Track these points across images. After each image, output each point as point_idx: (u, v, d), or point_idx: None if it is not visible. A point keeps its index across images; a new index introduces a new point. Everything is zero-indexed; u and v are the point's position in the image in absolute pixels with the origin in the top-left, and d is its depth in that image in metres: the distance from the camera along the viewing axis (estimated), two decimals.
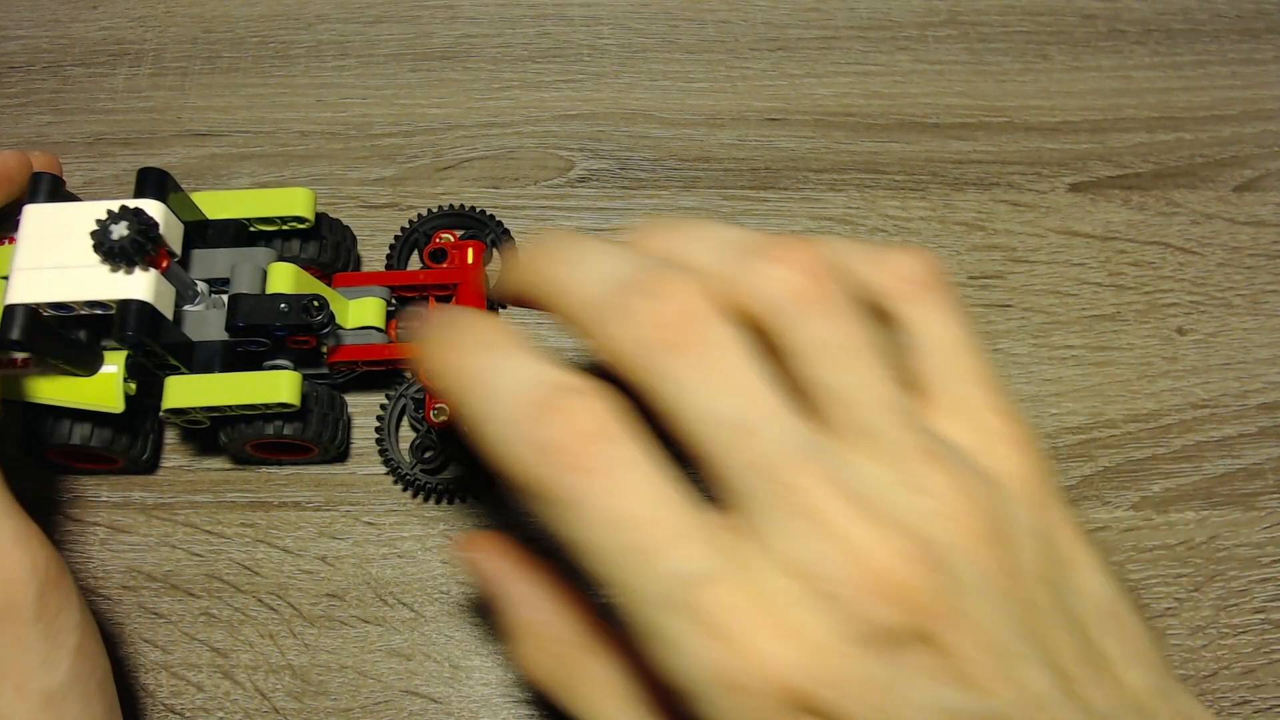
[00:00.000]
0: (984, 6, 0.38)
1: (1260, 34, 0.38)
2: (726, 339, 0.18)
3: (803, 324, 0.19)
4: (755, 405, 0.18)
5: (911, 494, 0.19)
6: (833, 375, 0.19)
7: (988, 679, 0.18)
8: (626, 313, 0.18)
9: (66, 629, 0.22)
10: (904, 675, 0.18)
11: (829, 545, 0.18)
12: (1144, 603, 0.29)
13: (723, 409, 0.18)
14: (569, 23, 0.38)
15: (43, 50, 0.37)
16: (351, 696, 0.28)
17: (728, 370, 0.18)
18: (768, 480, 0.18)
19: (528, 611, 0.21)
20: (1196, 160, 0.36)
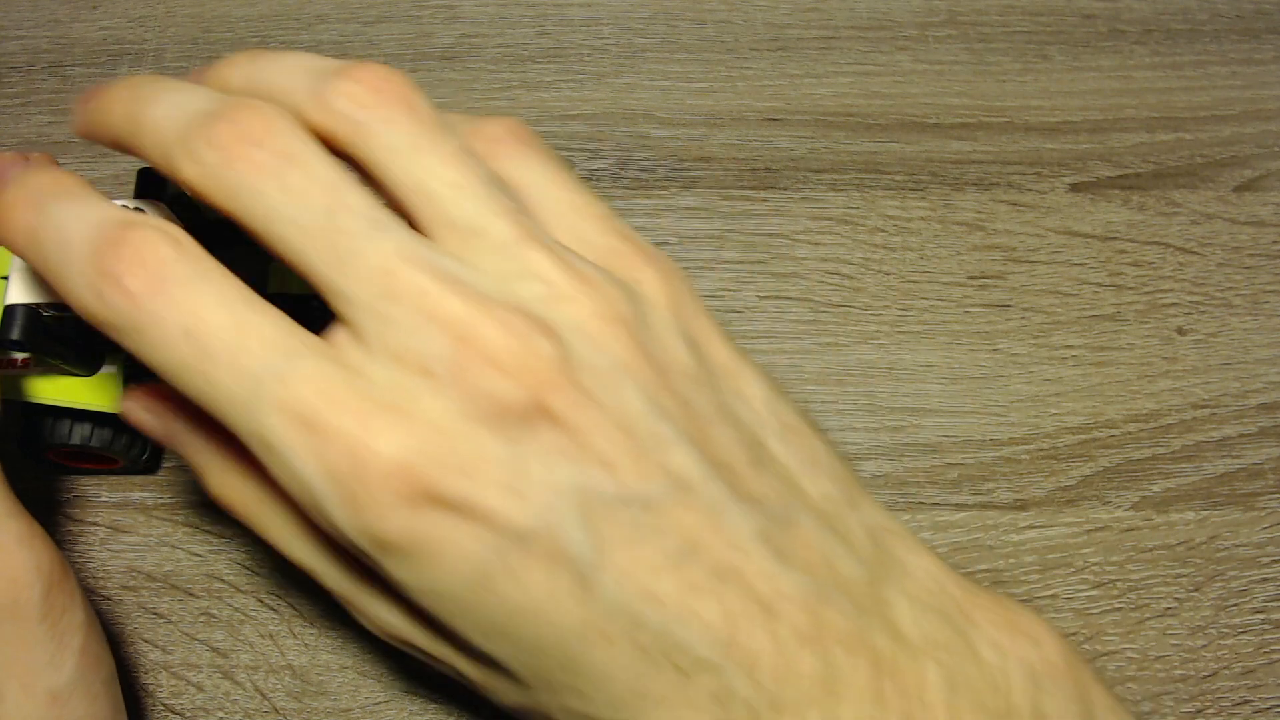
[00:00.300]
0: (984, 6, 0.38)
1: (1260, 34, 0.38)
2: (305, 150, 0.18)
3: (383, 130, 0.19)
4: (341, 204, 0.18)
5: (522, 280, 0.19)
6: (423, 175, 0.19)
7: (619, 458, 0.18)
8: (207, 139, 0.18)
9: (72, 628, 0.22)
10: (530, 453, 0.18)
11: (434, 327, 0.17)
12: (1144, 602, 0.29)
13: (309, 214, 0.18)
14: (569, 23, 0.38)
15: (43, 50, 0.37)
16: (351, 696, 0.28)
17: (310, 176, 0.18)
18: (361, 276, 0.18)
19: (203, 450, 0.22)
20: (1196, 160, 0.36)
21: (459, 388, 0.18)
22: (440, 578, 0.18)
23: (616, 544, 0.18)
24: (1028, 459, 0.31)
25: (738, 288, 0.33)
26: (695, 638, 0.18)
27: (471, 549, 0.17)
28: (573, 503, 0.18)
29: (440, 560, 0.17)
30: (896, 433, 0.31)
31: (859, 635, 0.19)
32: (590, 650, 0.18)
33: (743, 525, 0.19)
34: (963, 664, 0.19)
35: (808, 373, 0.32)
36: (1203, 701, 0.28)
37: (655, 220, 0.34)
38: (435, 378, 0.18)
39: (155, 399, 0.23)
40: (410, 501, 0.17)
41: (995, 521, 0.30)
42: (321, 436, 0.17)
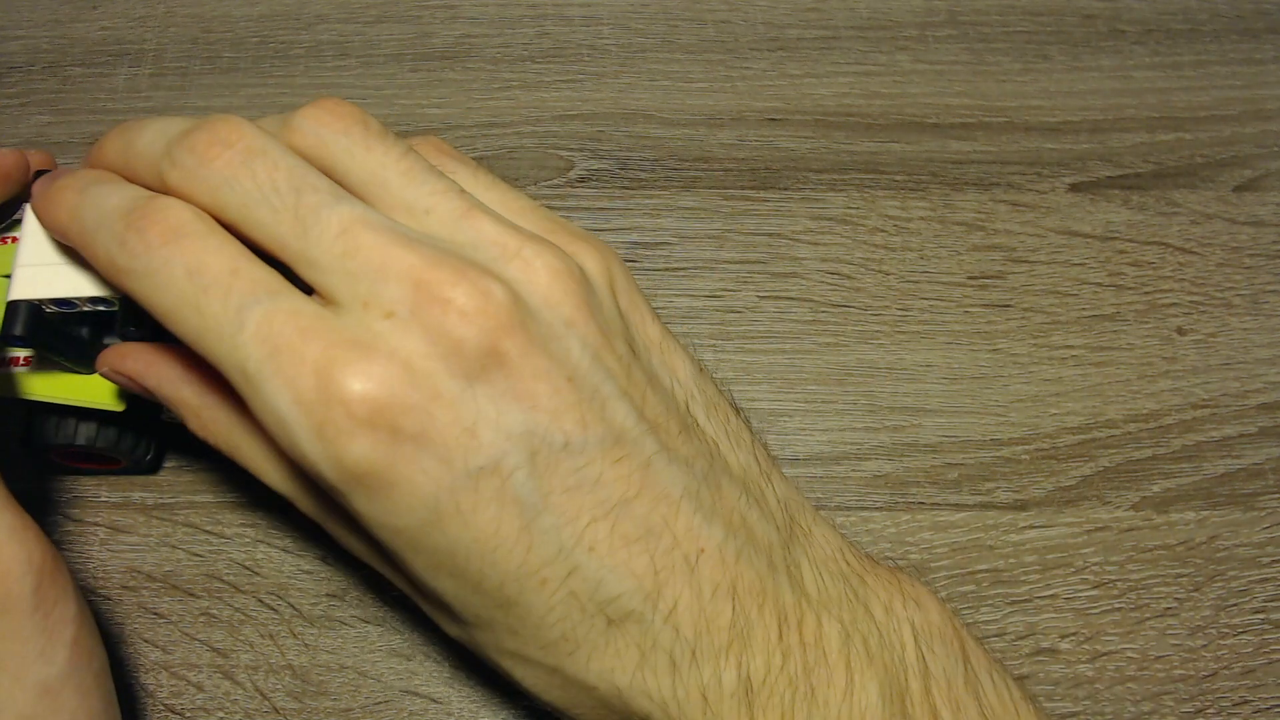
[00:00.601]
0: (984, 6, 0.38)
1: (1260, 34, 0.38)
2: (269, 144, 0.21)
3: (342, 138, 0.21)
4: (304, 184, 0.20)
5: (474, 247, 0.20)
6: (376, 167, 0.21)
7: (565, 407, 0.19)
8: (187, 147, 0.20)
9: (63, 622, 0.22)
10: (483, 395, 0.19)
11: (393, 276, 0.19)
12: (1144, 602, 0.29)
13: (277, 195, 0.20)
14: (569, 23, 0.38)
15: (43, 50, 0.37)
16: (351, 696, 0.28)
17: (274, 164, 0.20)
18: (325, 240, 0.19)
19: (184, 390, 0.23)
20: (1196, 160, 0.36)
21: (420, 328, 0.19)
22: (395, 510, 0.19)
23: (558, 491, 0.19)
24: (1028, 459, 0.31)
25: (738, 288, 0.33)
26: (625, 588, 0.19)
27: (424, 484, 0.19)
28: (521, 447, 0.19)
29: (396, 493, 0.19)
30: (896, 433, 0.31)
31: (769, 590, 0.21)
32: (527, 593, 0.19)
33: (673, 482, 0.20)
34: (858, 621, 0.21)
35: (808, 373, 0.32)
36: (1203, 701, 0.28)
37: (655, 220, 0.34)
38: (398, 319, 0.19)
39: (141, 350, 0.24)
40: (372, 430, 0.18)
41: (995, 521, 0.30)
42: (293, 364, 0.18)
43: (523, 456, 0.19)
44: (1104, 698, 0.28)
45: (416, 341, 0.19)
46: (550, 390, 0.19)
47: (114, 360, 0.24)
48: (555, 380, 0.19)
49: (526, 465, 0.19)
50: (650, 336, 0.22)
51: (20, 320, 0.24)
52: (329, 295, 0.20)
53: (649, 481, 0.20)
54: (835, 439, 0.31)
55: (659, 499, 0.20)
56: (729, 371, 0.32)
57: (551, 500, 0.19)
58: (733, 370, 0.32)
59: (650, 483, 0.20)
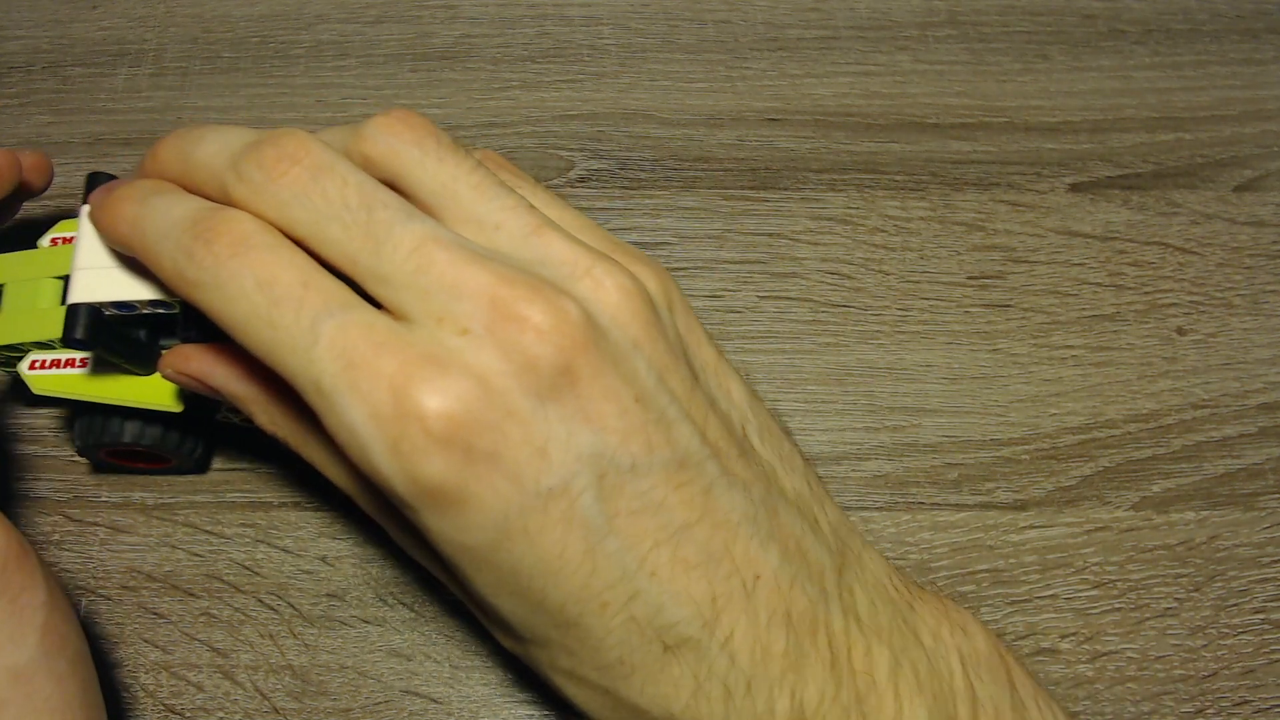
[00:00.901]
0: (984, 6, 0.38)
1: (1260, 34, 0.38)
2: (337, 161, 0.20)
3: (414, 150, 0.21)
4: (375, 200, 0.20)
5: (544, 264, 0.20)
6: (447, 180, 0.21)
7: (633, 429, 0.19)
8: (256, 162, 0.20)
9: (32, 607, 0.22)
10: (555, 415, 0.19)
11: (468, 294, 0.19)
12: (1144, 602, 0.29)
13: (348, 212, 0.20)
14: (569, 23, 0.38)
15: (43, 50, 0.37)
16: (351, 696, 0.28)
17: (344, 181, 0.20)
18: (398, 257, 0.19)
19: (249, 388, 0.23)
20: (1196, 160, 0.36)
21: (495, 345, 0.19)
22: (464, 528, 0.19)
23: (624, 514, 0.19)
24: (1028, 459, 0.31)
25: (738, 288, 0.33)
26: (684, 615, 0.19)
27: (494, 504, 0.18)
28: (590, 468, 0.19)
29: (467, 511, 0.18)
30: (896, 433, 0.31)
31: (822, 617, 0.20)
32: (587, 615, 0.19)
33: (733, 507, 0.20)
34: (908, 648, 0.21)
35: (808, 373, 0.32)
36: (1203, 701, 0.28)
37: (655, 220, 0.34)
38: (473, 335, 0.19)
39: (203, 352, 0.24)
40: (448, 448, 0.18)
41: (995, 521, 0.30)
42: (369, 379, 0.18)
43: (591, 478, 0.19)
44: (1104, 698, 0.28)
45: (491, 358, 0.19)
46: (618, 411, 0.19)
47: (177, 363, 0.24)
48: (624, 401, 0.19)
49: (594, 487, 0.19)
50: (707, 359, 0.22)
51: (81, 323, 0.24)
52: (400, 311, 0.19)
53: (710, 506, 0.20)
54: (835, 439, 0.31)
55: (719, 524, 0.20)
56: None
57: (616, 523, 0.19)
58: None
59: (711, 508, 0.20)
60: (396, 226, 0.20)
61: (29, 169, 0.30)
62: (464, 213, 0.21)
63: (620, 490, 0.19)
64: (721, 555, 0.20)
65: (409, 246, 0.19)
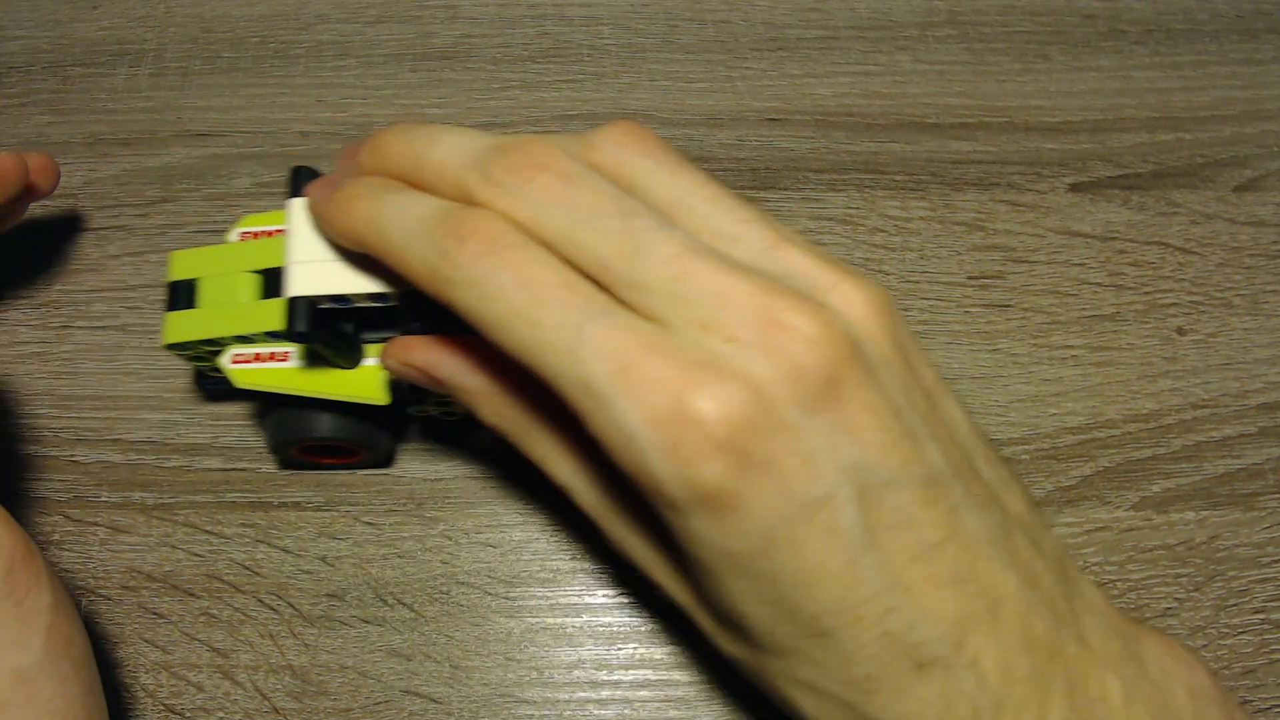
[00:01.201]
0: (984, 6, 0.38)
1: (1260, 34, 0.38)
2: (585, 171, 0.21)
3: (647, 161, 0.21)
4: (629, 209, 0.20)
5: (789, 277, 0.20)
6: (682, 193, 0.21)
7: (891, 443, 0.19)
8: (505, 167, 0.21)
9: (38, 609, 0.22)
10: (820, 426, 0.19)
11: (731, 303, 0.19)
12: (1144, 602, 0.29)
13: (605, 219, 0.21)
14: (569, 23, 0.38)
15: (43, 50, 0.37)
16: (351, 696, 0.28)
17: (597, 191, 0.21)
18: (656, 264, 0.19)
19: (476, 379, 0.23)
20: (1196, 160, 0.36)
21: (765, 353, 0.19)
22: (730, 534, 0.19)
23: (882, 528, 0.19)
24: (1028, 459, 0.31)
25: None
26: (936, 633, 0.19)
27: (762, 511, 0.18)
28: (852, 480, 0.19)
29: (736, 517, 0.18)
30: None
31: (1056, 643, 0.20)
32: (841, 628, 0.19)
33: (977, 527, 0.20)
34: (1138, 679, 0.21)
35: None
36: None
37: None
38: (741, 343, 0.19)
39: (428, 343, 0.24)
40: (726, 454, 0.18)
41: None
42: (645, 383, 0.18)
43: (853, 490, 0.19)
44: None
45: (762, 366, 0.18)
46: (877, 425, 0.19)
47: (401, 354, 0.24)
48: (882, 415, 0.19)
49: (856, 500, 0.19)
50: (929, 378, 0.22)
51: (303, 317, 0.24)
52: (656, 317, 0.19)
53: (956, 526, 0.20)
54: None
55: (965, 544, 0.20)
56: None
57: (875, 537, 0.19)
58: None
59: (957, 527, 0.20)
60: (653, 234, 0.20)
61: (36, 171, 0.30)
62: (699, 225, 0.21)
63: (879, 504, 0.19)
64: (968, 575, 0.20)
65: (667, 254, 0.19)
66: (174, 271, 0.28)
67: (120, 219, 0.34)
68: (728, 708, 0.28)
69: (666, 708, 0.28)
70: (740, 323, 0.19)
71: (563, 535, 0.30)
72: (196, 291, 0.27)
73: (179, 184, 0.34)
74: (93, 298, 0.33)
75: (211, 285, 0.27)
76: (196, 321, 0.27)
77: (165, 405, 0.31)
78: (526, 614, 0.29)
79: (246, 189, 0.34)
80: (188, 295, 0.27)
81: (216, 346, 0.27)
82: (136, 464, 0.30)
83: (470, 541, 0.29)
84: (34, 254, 0.33)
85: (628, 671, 0.28)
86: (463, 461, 0.30)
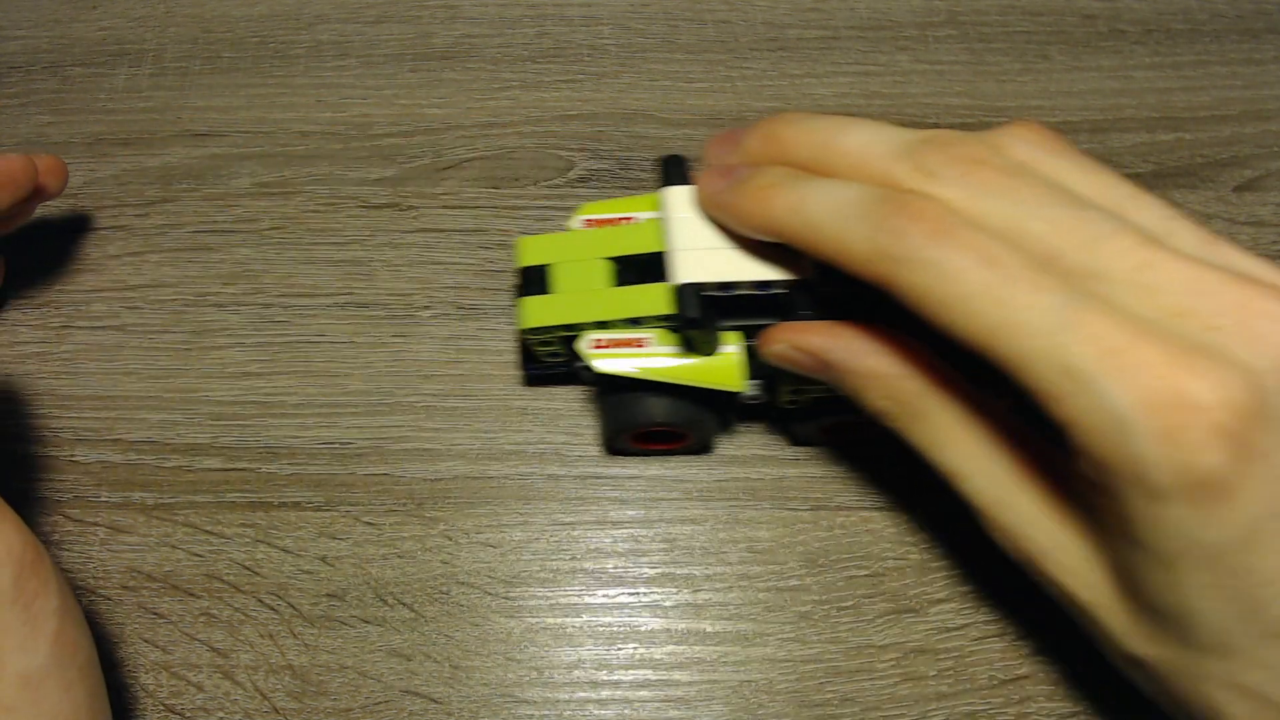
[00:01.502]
0: (984, 6, 0.38)
1: (1260, 34, 0.38)
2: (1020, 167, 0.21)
3: (1061, 160, 0.22)
4: (1075, 200, 0.20)
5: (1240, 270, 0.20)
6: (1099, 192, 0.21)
7: None
8: (946, 159, 0.21)
9: (45, 614, 0.22)
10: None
11: (1202, 293, 0.19)
12: None
13: (1051, 209, 0.20)
14: (569, 23, 0.38)
15: (43, 50, 0.37)
16: (351, 696, 0.28)
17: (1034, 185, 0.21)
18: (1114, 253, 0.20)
19: (869, 361, 0.24)
20: (1196, 160, 0.36)
21: (1253, 344, 0.18)
22: (1211, 524, 0.18)
23: None
24: None
25: None
26: None
27: (1251, 504, 0.18)
28: None
29: (1223, 507, 0.18)
30: None
31: None
32: None
33: None
34: None
35: None
36: None
37: None
38: (1224, 332, 0.18)
39: (826, 326, 0.24)
40: (1227, 442, 0.18)
41: None
42: (1136, 366, 0.18)
43: None
44: (1105, 697, 0.28)
45: (1252, 355, 0.18)
46: None
47: (794, 337, 0.24)
48: None
49: None
50: None
51: (694, 302, 0.25)
52: (1115, 303, 0.19)
53: None
54: None
55: None
56: None
57: None
58: None
59: None
60: (1107, 224, 0.20)
61: (45, 172, 0.30)
62: (1130, 218, 0.21)
63: None
64: None
65: (1126, 244, 0.19)
66: (524, 257, 0.28)
67: (120, 219, 0.34)
68: (728, 708, 0.28)
69: (666, 708, 0.28)
70: (1219, 311, 0.19)
71: (564, 535, 0.30)
72: (548, 278, 0.28)
73: (179, 184, 0.34)
74: (93, 298, 0.33)
75: (564, 271, 0.28)
76: (554, 307, 0.27)
77: (165, 405, 0.31)
78: (526, 614, 0.29)
79: (246, 189, 0.34)
80: (539, 281, 0.28)
81: (573, 332, 0.27)
82: (136, 464, 0.30)
83: (470, 541, 0.30)
84: (34, 254, 0.33)
85: (628, 671, 0.28)
86: (463, 461, 0.30)
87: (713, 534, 0.30)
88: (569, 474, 0.30)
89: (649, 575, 0.29)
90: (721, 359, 0.27)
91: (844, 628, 0.29)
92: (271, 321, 0.32)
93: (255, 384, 0.31)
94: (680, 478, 0.30)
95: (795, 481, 0.30)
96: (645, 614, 0.29)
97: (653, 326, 0.27)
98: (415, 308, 0.33)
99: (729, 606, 0.29)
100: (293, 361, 0.32)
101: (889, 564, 0.29)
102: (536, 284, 0.28)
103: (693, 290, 0.25)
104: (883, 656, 0.28)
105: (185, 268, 0.33)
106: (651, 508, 0.30)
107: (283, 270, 0.33)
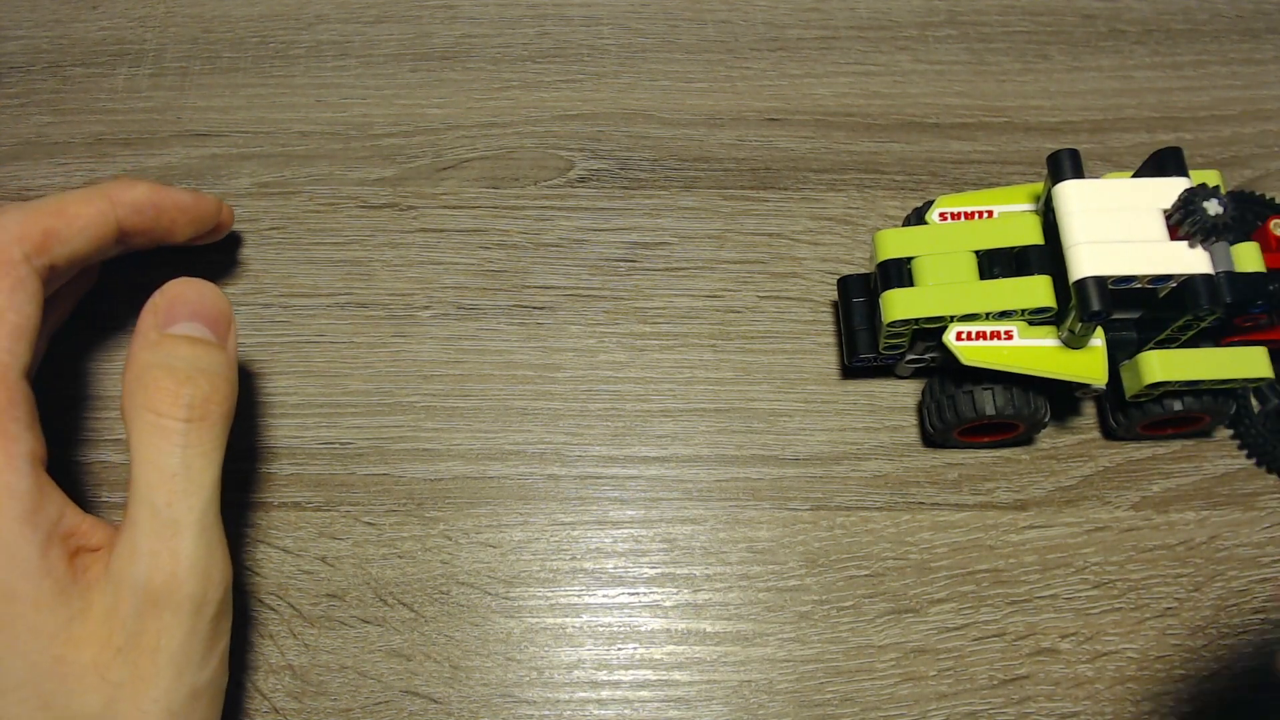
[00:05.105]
0: (984, 6, 0.38)
1: (1260, 34, 0.38)
2: None
3: None
4: None
5: None
6: None
7: None
8: None
9: (223, 634, 0.24)
10: None
11: None
12: (1144, 602, 0.29)
13: None
14: (569, 23, 0.38)
15: (43, 50, 0.37)
16: (351, 696, 0.28)
17: None
18: None
19: None
20: (1196, 160, 0.36)
21: None
22: None
23: None
24: (1028, 459, 0.31)
25: (738, 288, 0.33)
26: None
27: None
28: None
29: None
30: (896, 433, 0.31)
31: None
32: None
33: None
34: None
35: (808, 373, 0.32)
36: (1203, 701, 0.28)
37: (655, 220, 0.34)
38: None
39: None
40: None
41: (995, 521, 0.30)
42: None
43: None
44: (1104, 698, 0.28)
45: None
46: None
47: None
48: None
49: None
50: None
51: (1098, 296, 0.25)
52: None
53: None
54: (835, 439, 0.31)
55: None
56: (729, 371, 0.32)
57: None
58: (732, 370, 0.32)
59: None
60: None
61: (226, 214, 0.31)
62: None
63: None
64: None
65: None
66: (883, 251, 0.29)
67: None
68: (728, 708, 0.28)
69: (666, 708, 0.28)
70: None
71: (564, 535, 0.30)
72: (912, 271, 0.28)
73: (179, 184, 0.34)
74: (94, 297, 0.33)
75: (927, 264, 0.28)
76: (922, 299, 0.28)
77: None
78: (526, 614, 0.29)
79: (246, 189, 0.34)
80: (899, 274, 0.28)
81: (937, 324, 0.28)
82: None
83: (470, 541, 0.30)
84: None
85: (628, 671, 0.28)
86: (463, 461, 0.30)
87: (713, 534, 0.30)
88: (569, 474, 0.30)
89: (649, 575, 0.29)
90: (1089, 352, 0.27)
91: (844, 628, 0.29)
92: (271, 321, 0.32)
93: (255, 384, 0.31)
94: (680, 478, 0.30)
95: (795, 481, 0.30)
96: (645, 614, 0.29)
97: (1019, 319, 0.27)
98: (415, 308, 0.33)
99: (729, 606, 0.29)
100: (293, 361, 0.32)
101: (889, 564, 0.29)
102: (897, 277, 0.28)
103: (1096, 283, 0.25)
104: (883, 656, 0.28)
105: (185, 268, 0.33)
106: (651, 508, 0.30)
107: (283, 270, 0.33)
